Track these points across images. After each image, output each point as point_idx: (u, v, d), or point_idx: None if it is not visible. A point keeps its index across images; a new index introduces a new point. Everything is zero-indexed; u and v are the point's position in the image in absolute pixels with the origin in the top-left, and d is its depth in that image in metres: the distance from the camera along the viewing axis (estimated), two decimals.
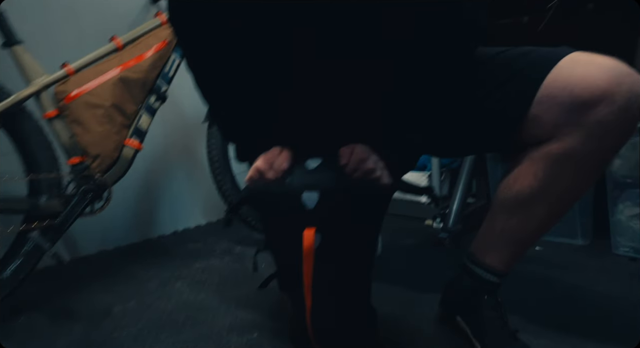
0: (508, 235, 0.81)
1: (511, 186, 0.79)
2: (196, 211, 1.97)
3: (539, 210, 0.77)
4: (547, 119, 0.70)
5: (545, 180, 0.74)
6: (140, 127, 1.35)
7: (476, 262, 0.87)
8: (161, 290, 1.26)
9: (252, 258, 1.00)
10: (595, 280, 1.18)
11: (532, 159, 0.75)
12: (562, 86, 0.68)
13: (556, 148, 0.71)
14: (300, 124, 0.74)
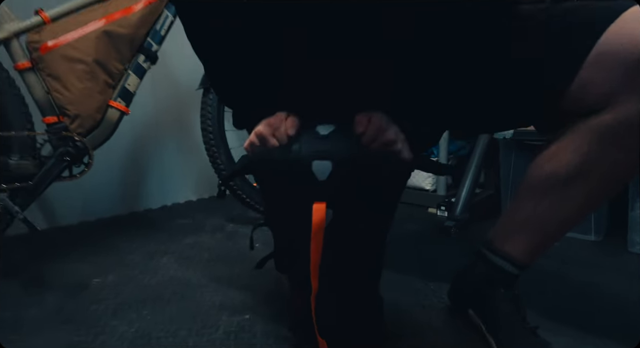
0: (536, 222, 0.72)
1: (545, 164, 0.69)
2: (187, 186, 1.86)
3: (576, 192, 0.67)
4: (603, 82, 0.59)
5: (590, 155, 0.64)
6: (127, 88, 1.23)
7: (494, 250, 0.78)
8: (146, 264, 1.17)
9: (247, 236, 0.91)
10: (611, 278, 1.10)
11: (576, 132, 0.65)
12: (626, 41, 0.56)
13: (610, 118, 0.60)
14: (309, 87, 0.65)
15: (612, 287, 1.04)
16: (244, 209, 1.63)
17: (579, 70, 0.60)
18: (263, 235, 1.43)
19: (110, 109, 1.20)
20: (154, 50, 1.27)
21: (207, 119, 1.40)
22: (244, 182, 1.47)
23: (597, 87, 0.60)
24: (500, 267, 0.77)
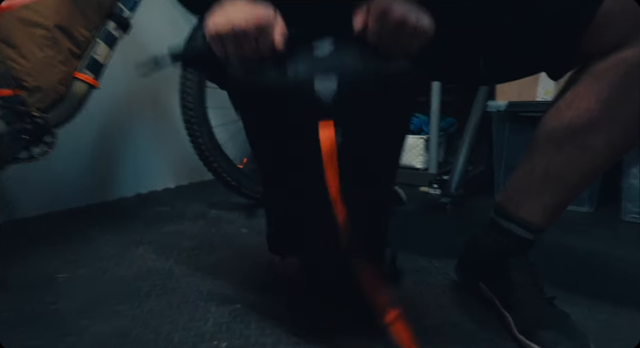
0: (553, 178, 0.65)
1: (562, 113, 0.63)
2: (164, 172, 1.73)
3: (597, 141, 0.61)
4: (629, 15, 0.55)
5: (612, 100, 0.58)
6: (95, 58, 1.09)
7: (507, 216, 0.71)
8: (120, 255, 1.05)
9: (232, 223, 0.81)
10: (612, 246, 1.06)
11: (595, 74, 0.60)
12: None
13: (631, 55, 0.56)
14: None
15: (614, 255, 1.00)
16: (227, 194, 1.51)
17: (600, 4, 0.56)
18: (249, 220, 1.34)
19: (76, 82, 1.06)
20: (126, 17, 1.13)
21: (188, 95, 1.27)
22: (228, 163, 1.35)
23: (623, 18, 0.56)
24: (515, 233, 0.70)
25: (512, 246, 0.70)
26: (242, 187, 1.38)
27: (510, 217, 0.70)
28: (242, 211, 0.81)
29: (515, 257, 0.70)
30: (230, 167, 1.36)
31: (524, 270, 0.69)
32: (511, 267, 0.69)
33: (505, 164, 1.44)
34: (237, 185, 1.37)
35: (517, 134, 1.39)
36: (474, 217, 1.31)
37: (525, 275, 0.68)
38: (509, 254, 0.70)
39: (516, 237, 0.70)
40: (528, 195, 0.68)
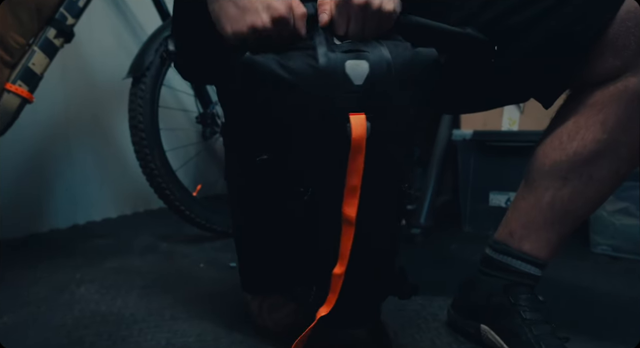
0: (559, 210, 0.64)
1: (566, 144, 0.62)
2: (104, 200, 1.55)
3: (603, 171, 0.61)
4: (631, 42, 0.55)
5: (618, 129, 0.58)
6: (31, 68, 0.96)
7: (509, 252, 0.68)
8: (55, 298, 0.89)
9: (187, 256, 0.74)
10: (595, 280, 1.04)
11: (598, 103, 0.59)
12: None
13: (635, 83, 0.56)
14: None
15: (602, 289, 0.98)
16: (178, 224, 1.38)
17: (608, 28, 0.55)
18: (206, 254, 1.22)
19: (7, 94, 0.92)
20: (69, 24, 1.01)
21: (138, 114, 1.15)
22: (181, 190, 1.23)
23: (625, 46, 0.56)
24: (521, 270, 0.67)
25: (518, 283, 0.66)
26: (197, 217, 1.25)
27: (514, 253, 0.67)
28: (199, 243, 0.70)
29: (523, 293, 0.66)
30: (183, 195, 1.23)
31: (535, 307, 0.65)
32: (520, 304, 0.65)
33: (471, 193, 1.44)
34: (191, 215, 1.24)
35: (483, 163, 1.41)
36: (446, 249, 1.28)
37: (536, 313, 0.64)
38: (517, 292, 0.66)
39: (523, 273, 0.66)
40: (533, 230, 0.66)
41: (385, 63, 0.51)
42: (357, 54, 0.51)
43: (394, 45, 0.53)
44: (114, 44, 1.51)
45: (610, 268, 1.14)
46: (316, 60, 0.50)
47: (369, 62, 0.51)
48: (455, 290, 0.78)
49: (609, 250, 1.25)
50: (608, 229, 1.25)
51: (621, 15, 0.55)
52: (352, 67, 0.50)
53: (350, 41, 0.53)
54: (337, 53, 0.51)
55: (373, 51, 0.52)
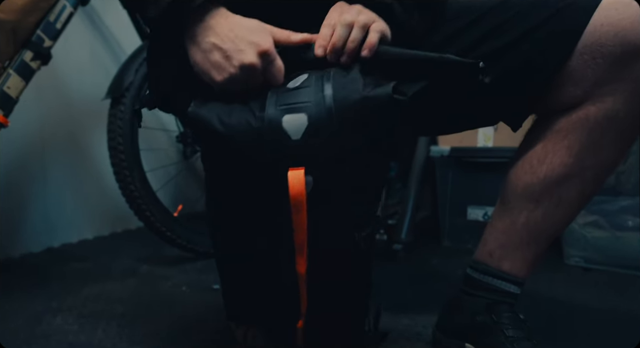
0: (533, 230, 0.67)
1: (536, 168, 0.65)
2: (81, 221, 1.51)
3: (571, 192, 0.64)
4: (589, 74, 0.58)
5: (583, 153, 0.61)
6: (6, 92, 0.94)
7: (489, 272, 0.71)
8: (31, 329, 0.85)
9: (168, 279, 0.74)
10: (571, 293, 1.07)
11: (563, 129, 0.62)
12: (612, 32, 0.56)
13: (595, 111, 0.59)
14: None
15: (577, 302, 1.02)
16: (157, 245, 1.35)
17: (567, 61, 0.59)
18: (188, 276, 1.20)
19: None
20: (46, 47, 0.99)
21: (117, 135, 1.13)
22: (162, 211, 1.21)
23: (584, 78, 0.59)
24: (501, 288, 0.70)
25: (499, 302, 0.69)
26: (178, 238, 1.24)
27: (494, 273, 0.69)
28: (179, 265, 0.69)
29: (505, 312, 0.68)
30: (164, 216, 1.22)
31: (517, 325, 0.67)
32: (503, 322, 0.67)
33: (449, 208, 1.47)
34: (172, 236, 1.23)
35: (461, 178, 1.44)
36: (427, 265, 1.30)
37: (519, 331, 0.66)
38: (496, 311, 0.68)
39: (503, 292, 0.69)
40: (510, 250, 0.68)
41: (325, 113, 0.50)
42: (294, 106, 0.50)
43: (344, 84, 0.52)
44: (91, 63, 1.49)
45: (583, 280, 1.18)
46: (254, 117, 0.51)
47: (307, 115, 0.50)
48: (438, 308, 0.80)
49: (581, 261, 1.30)
50: (580, 242, 1.30)
51: (579, 49, 0.58)
52: (289, 121, 0.50)
53: (298, 86, 0.53)
54: (276, 107, 0.51)
55: (315, 99, 0.50)
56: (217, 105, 0.53)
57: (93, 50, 1.50)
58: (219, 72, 0.53)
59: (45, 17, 0.99)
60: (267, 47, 0.52)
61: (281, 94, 0.52)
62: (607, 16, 0.56)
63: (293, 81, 0.54)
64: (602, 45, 0.56)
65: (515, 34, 0.60)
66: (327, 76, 0.53)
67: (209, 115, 0.51)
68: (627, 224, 1.22)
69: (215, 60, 0.53)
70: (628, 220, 1.22)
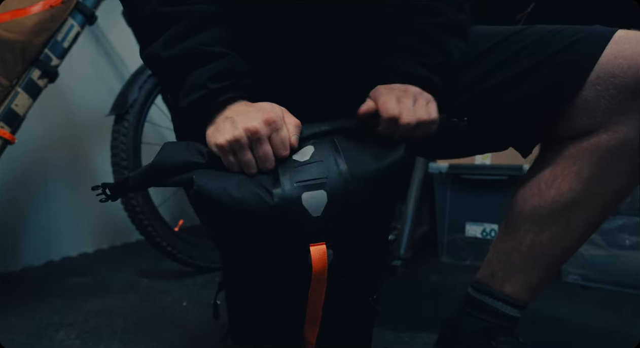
0: (538, 254, 0.66)
1: (544, 191, 0.65)
2: (81, 235, 1.52)
3: (578, 219, 0.63)
4: (601, 104, 0.59)
5: (592, 180, 0.61)
6: (13, 109, 0.95)
7: (491, 294, 0.70)
8: (33, 345, 0.86)
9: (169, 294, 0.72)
10: (570, 310, 1.08)
11: (573, 155, 0.62)
12: (626, 64, 0.57)
13: (606, 140, 0.60)
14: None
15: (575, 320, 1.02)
16: (156, 258, 1.36)
17: (580, 91, 0.60)
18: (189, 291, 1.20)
19: None
20: (54, 65, 1.01)
21: (121, 151, 1.15)
22: (163, 226, 1.22)
23: (596, 108, 0.59)
24: (502, 311, 0.69)
25: (499, 325, 0.69)
26: (179, 253, 1.25)
27: (495, 294, 0.69)
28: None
29: (504, 336, 0.68)
30: (166, 231, 1.23)
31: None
32: (501, 346, 0.67)
33: (448, 224, 1.48)
34: (173, 251, 1.24)
35: (459, 195, 1.46)
36: (426, 281, 1.31)
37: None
38: (497, 333, 0.68)
39: (504, 315, 0.68)
40: (514, 272, 0.68)
41: (344, 188, 0.49)
42: (313, 183, 0.49)
43: (356, 156, 0.52)
44: (95, 79, 1.51)
45: (581, 298, 1.18)
46: (270, 195, 0.49)
47: (326, 191, 0.49)
48: (437, 325, 0.80)
49: (579, 279, 1.30)
50: (577, 259, 1.31)
51: (592, 80, 0.59)
52: (309, 199, 0.49)
53: (309, 161, 0.52)
54: (292, 184, 0.49)
55: (331, 175, 0.50)
56: (222, 178, 0.51)
57: (97, 68, 1.52)
58: (223, 134, 0.52)
59: (53, 36, 1.01)
60: (273, 116, 0.52)
61: (293, 169, 0.51)
62: (621, 49, 0.58)
63: (299, 153, 0.53)
64: (615, 77, 0.57)
65: (530, 62, 0.62)
66: (335, 148, 0.53)
67: (216, 188, 0.49)
68: (624, 243, 1.23)
69: (223, 127, 0.53)
70: (626, 239, 1.23)
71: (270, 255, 0.52)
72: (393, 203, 0.57)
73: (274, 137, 0.52)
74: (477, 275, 0.73)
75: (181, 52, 0.55)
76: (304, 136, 0.54)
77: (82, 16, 1.06)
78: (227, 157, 0.53)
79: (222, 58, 0.55)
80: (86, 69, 1.47)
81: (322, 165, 0.51)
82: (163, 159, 0.52)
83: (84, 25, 1.07)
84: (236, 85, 0.55)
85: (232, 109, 0.54)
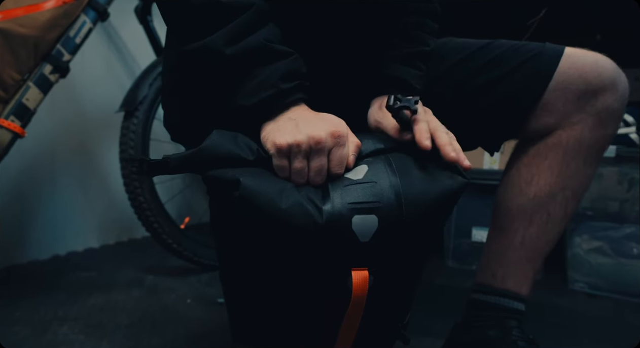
0: (530, 247, 0.72)
1: (525, 189, 0.71)
2: (87, 229, 1.53)
3: (557, 208, 0.71)
4: (559, 106, 0.68)
5: (562, 173, 0.69)
6: (24, 103, 0.96)
7: (495, 292, 0.73)
8: (37, 338, 0.86)
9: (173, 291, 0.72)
10: (570, 320, 1.07)
11: (541, 153, 0.70)
12: (577, 74, 0.67)
13: (566, 137, 0.68)
14: None
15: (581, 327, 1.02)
16: (162, 255, 1.37)
17: (544, 94, 0.68)
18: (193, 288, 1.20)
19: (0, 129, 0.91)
20: (65, 60, 1.02)
21: (129, 148, 1.15)
22: (169, 223, 1.22)
23: (556, 109, 0.68)
24: (509, 307, 0.72)
25: (509, 320, 0.71)
26: (184, 250, 1.25)
27: (500, 292, 0.72)
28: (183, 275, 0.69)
29: (516, 327, 0.70)
30: (172, 228, 1.23)
31: (528, 339, 0.69)
32: (514, 334, 0.69)
33: (454, 229, 1.48)
34: (179, 248, 1.24)
35: (466, 200, 1.44)
36: (432, 285, 1.30)
37: (530, 345, 0.69)
38: (510, 325, 0.71)
39: (511, 309, 0.71)
40: (512, 268, 0.72)
41: (396, 214, 0.47)
42: (365, 206, 0.46)
43: (412, 180, 0.49)
44: (106, 76, 1.51)
45: (587, 306, 1.17)
46: (319, 212, 0.46)
47: (378, 217, 0.46)
48: (443, 330, 0.80)
49: (585, 287, 1.29)
50: (584, 267, 1.30)
51: (552, 86, 0.67)
52: (359, 223, 0.46)
53: (362, 180, 0.49)
54: (344, 204, 0.46)
55: (385, 200, 0.47)
56: (268, 182, 0.47)
57: (108, 64, 1.53)
58: (284, 135, 0.49)
59: (66, 32, 1.02)
60: (340, 130, 0.50)
61: (344, 187, 0.48)
62: (573, 62, 0.67)
63: (352, 172, 0.50)
64: (570, 84, 0.67)
65: (502, 70, 0.69)
66: (391, 168, 0.50)
67: (263, 196, 0.46)
68: (632, 252, 1.22)
69: (285, 127, 0.50)
70: (633, 247, 1.22)
71: (304, 270, 0.50)
72: (442, 228, 0.56)
73: (333, 152, 0.49)
74: (476, 279, 0.77)
75: (247, 48, 0.51)
76: (361, 156, 0.52)
77: (94, 13, 1.07)
78: (281, 159, 0.50)
79: (290, 57, 0.52)
80: (97, 65, 1.48)
81: (376, 187, 0.48)
82: (211, 146, 0.48)
83: (96, 22, 1.08)
84: (303, 87, 0.53)
85: (295, 111, 0.52)
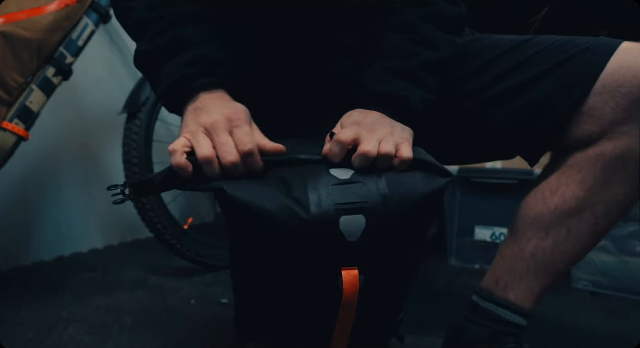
0: (541, 260, 0.66)
1: (547, 198, 0.65)
2: (91, 230, 1.53)
3: (582, 225, 0.64)
4: (606, 112, 0.59)
5: (595, 188, 0.62)
6: (28, 106, 0.97)
7: (495, 301, 0.69)
8: (42, 339, 0.87)
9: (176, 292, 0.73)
10: (573, 318, 1.07)
11: (577, 164, 0.63)
12: (631, 74, 0.58)
13: (611, 148, 0.60)
14: None
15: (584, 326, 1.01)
16: (165, 256, 1.37)
17: (587, 98, 0.60)
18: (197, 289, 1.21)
19: (2, 132, 0.92)
20: (68, 63, 1.03)
21: (132, 149, 1.16)
22: (173, 224, 1.23)
23: (601, 116, 0.60)
24: (506, 319, 0.68)
25: (504, 333, 0.68)
26: (188, 251, 1.25)
27: (498, 301, 0.68)
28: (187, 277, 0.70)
29: (509, 343, 0.67)
30: (175, 229, 1.24)
31: None
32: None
33: (457, 228, 1.48)
34: (182, 249, 1.24)
35: (468, 198, 1.45)
36: (434, 283, 1.30)
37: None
38: (501, 341, 0.68)
39: (507, 322, 0.67)
40: (516, 278, 0.68)
41: (383, 214, 0.47)
42: (352, 207, 0.47)
43: (399, 181, 0.49)
44: (108, 77, 1.52)
45: (591, 304, 1.17)
46: (307, 212, 0.46)
47: (365, 217, 0.47)
48: (444, 329, 0.79)
49: (589, 285, 1.29)
50: (588, 265, 1.30)
51: (597, 88, 0.59)
52: (346, 223, 0.46)
53: (349, 180, 0.49)
54: (331, 205, 0.46)
55: (372, 200, 0.47)
56: (248, 186, 0.48)
57: (111, 66, 1.53)
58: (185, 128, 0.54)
59: (68, 34, 1.02)
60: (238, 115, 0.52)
61: (331, 186, 0.48)
62: (626, 59, 0.58)
63: (338, 170, 0.50)
64: (620, 86, 0.58)
65: (536, 71, 0.62)
66: (378, 170, 0.50)
67: (248, 197, 0.46)
68: (635, 250, 1.22)
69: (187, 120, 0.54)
70: (636, 245, 1.22)
71: (296, 270, 0.51)
72: (427, 228, 0.56)
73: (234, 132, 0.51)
74: (483, 281, 0.73)
75: (158, 44, 0.57)
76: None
77: (96, 15, 1.07)
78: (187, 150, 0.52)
79: (198, 47, 0.56)
80: (99, 67, 1.49)
81: (363, 188, 0.48)
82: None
83: (98, 24, 1.09)
84: (214, 72, 0.56)
85: (203, 99, 0.55)
